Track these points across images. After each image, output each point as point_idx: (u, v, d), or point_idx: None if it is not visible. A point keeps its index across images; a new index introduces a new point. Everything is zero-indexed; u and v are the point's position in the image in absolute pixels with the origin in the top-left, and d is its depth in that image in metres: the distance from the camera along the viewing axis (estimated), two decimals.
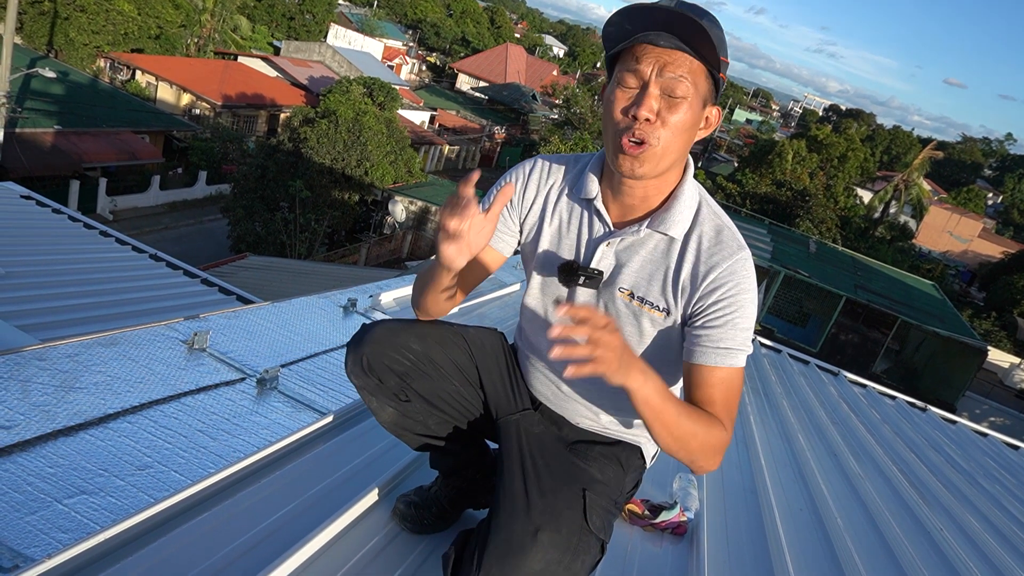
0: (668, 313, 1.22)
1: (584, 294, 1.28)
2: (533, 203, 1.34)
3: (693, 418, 1.13)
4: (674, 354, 1.26)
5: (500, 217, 1.33)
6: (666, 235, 1.21)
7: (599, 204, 1.26)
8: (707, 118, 1.18)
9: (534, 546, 1.09)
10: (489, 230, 1.16)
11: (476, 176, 1.12)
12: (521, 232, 1.37)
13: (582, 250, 1.29)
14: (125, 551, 1.26)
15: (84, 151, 17.19)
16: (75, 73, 21.17)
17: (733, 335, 1.17)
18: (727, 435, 1.17)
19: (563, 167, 1.34)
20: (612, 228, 1.26)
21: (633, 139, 1.13)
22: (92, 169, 17.59)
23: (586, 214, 1.29)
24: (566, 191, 1.32)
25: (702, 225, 1.21)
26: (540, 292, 1.36)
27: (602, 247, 1.26)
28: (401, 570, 1.42)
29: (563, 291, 1.31)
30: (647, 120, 1.11)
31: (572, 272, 1.27)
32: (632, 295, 1.24)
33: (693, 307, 1.19)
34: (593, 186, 1.27)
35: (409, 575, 1.41)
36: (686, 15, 1.06)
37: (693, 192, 1.24)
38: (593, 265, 1.26)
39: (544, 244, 1.33)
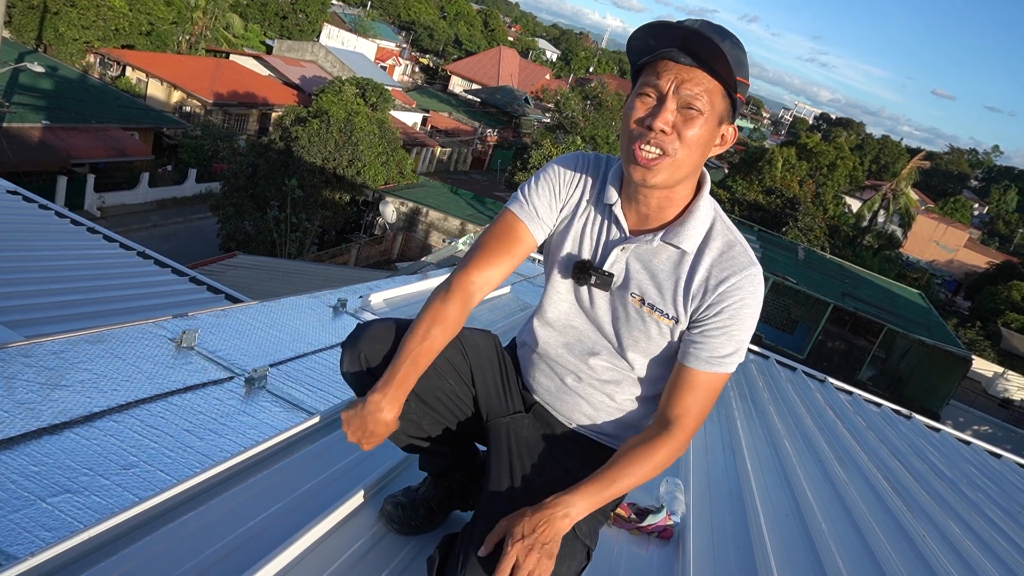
0: (676, 321, 1.26)
1: (599, 296, 1.32)
2: (571, 197, 1.37)
3: (635, 465, 1.21)
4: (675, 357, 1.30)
5: (545, 204, 1.36)
6: (678, 248, 1.25)
7: (617, 210, 1.30)
8: (723, 135, 1.21)
9: None
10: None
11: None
12: (556, 222, 1.38)
13: (599, 252, 1.33)
14: (109, 550, 1.25)
15: (72, 147, 17.04)
16: (64, 68, 21.02)
17: (727, 345, 1.23)
18: (677, 443, 1.23)
19: (598, 168, 1.37)
20: (628, 234, 1.29)
21: (647, 148, 1.16)
22: (80, 165, 17.43)
23: (607, 218, 1.33)
24: (595, 193, 1.35)
25: (715, 240, 1.24)
26: (559, 287, 1.38)
27: (616, 251, 1.29)
28: (388, 571, 1.41)
29: (580, 289, 1.34)
30: (662, 131, 1.15)
31: (585, 271, 1.31)
32: (643, 301, 1.28)
33: (699, 315, 1.24)
34: (613, 192, 1.30)
35: (397, 575, 1.41)
36: (705, 35, 1.09)
37: (708, 208, 1.27)
38: (606, 268, 1.30)
39: (568, 240, 1.36)
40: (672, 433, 1.22)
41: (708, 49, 1.11)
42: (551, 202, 1.36)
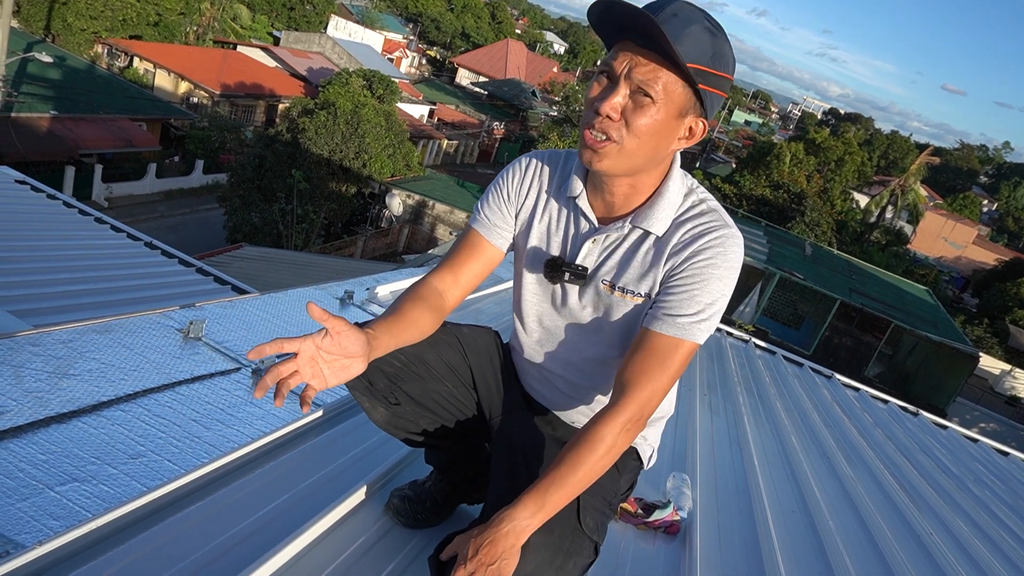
0: (649, 298, 1.21)
1: (572, 292, 1.28)
2: (527, 198, 1.34)
3: (578, 459, 1.08)
4: None
5: (498, 212, 1.34)
6: (649, 232, 1.21)
7: (582, 202, 1.25)
8: (689, 128, 1.14)
9: (525, 547, 1.08)
10: (340, 342, 1.06)
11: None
12: (515, 227, 1.36)
13: (568, 247, 1.29)
14: (116, 539, 1.25)
15: (80, 137, 17.08)
16: (72, 58, 21.04)
17: (687, 305, 1.15)
18: (624, 419, 1.11)
19: (554, 165, 1.34)
20: (597, 225, 1.25)
21: (594, 132, 1.12)
22: (88, 155, 17.48)
23: (572, 212, 1.29)
24: (555, 189, 1.32)
25: (687, 214, 1.20)
26: (531, 290, 1.36)
27: (587, 244, 1.25)
28: (394, 564, 1.41)
29: (553, 288, 1.31)
30: (608, 117, 1.10)
31: (557, 268, 1.27)
32: (613, 286, 1.24)
33: (665, 276, 1.19)
34: (577, 185, 1.26)
35: (402, 569, 1.41)
36: (648, 16, 1.01)
37: (679, 187, 1.21)
38: (578, 261, 1.26)
39: (533, 241, 1.33)
40: (619, 408, 1.11)
41: (655, 36, 1.02)
42: (502, 208, 1.34)
